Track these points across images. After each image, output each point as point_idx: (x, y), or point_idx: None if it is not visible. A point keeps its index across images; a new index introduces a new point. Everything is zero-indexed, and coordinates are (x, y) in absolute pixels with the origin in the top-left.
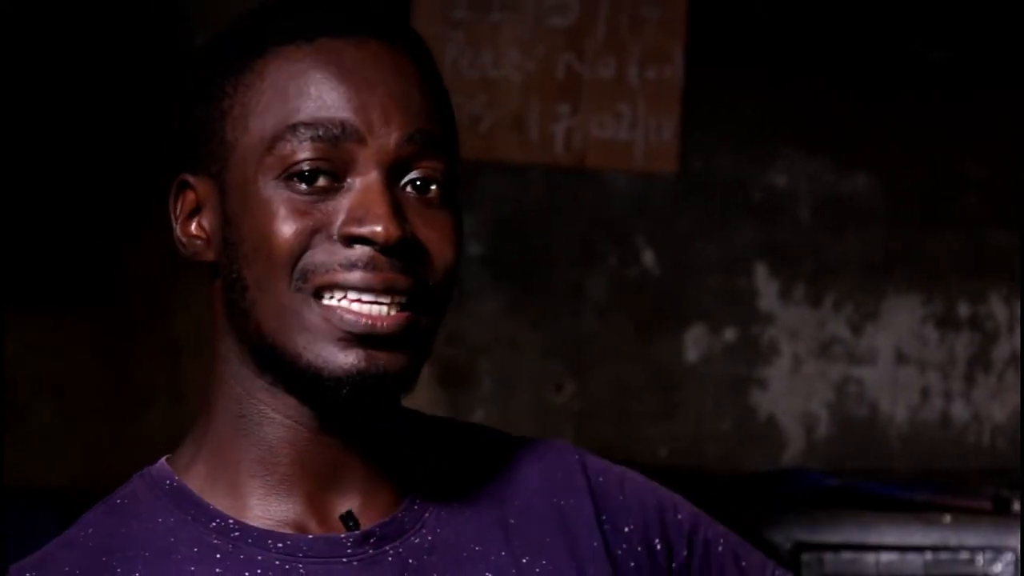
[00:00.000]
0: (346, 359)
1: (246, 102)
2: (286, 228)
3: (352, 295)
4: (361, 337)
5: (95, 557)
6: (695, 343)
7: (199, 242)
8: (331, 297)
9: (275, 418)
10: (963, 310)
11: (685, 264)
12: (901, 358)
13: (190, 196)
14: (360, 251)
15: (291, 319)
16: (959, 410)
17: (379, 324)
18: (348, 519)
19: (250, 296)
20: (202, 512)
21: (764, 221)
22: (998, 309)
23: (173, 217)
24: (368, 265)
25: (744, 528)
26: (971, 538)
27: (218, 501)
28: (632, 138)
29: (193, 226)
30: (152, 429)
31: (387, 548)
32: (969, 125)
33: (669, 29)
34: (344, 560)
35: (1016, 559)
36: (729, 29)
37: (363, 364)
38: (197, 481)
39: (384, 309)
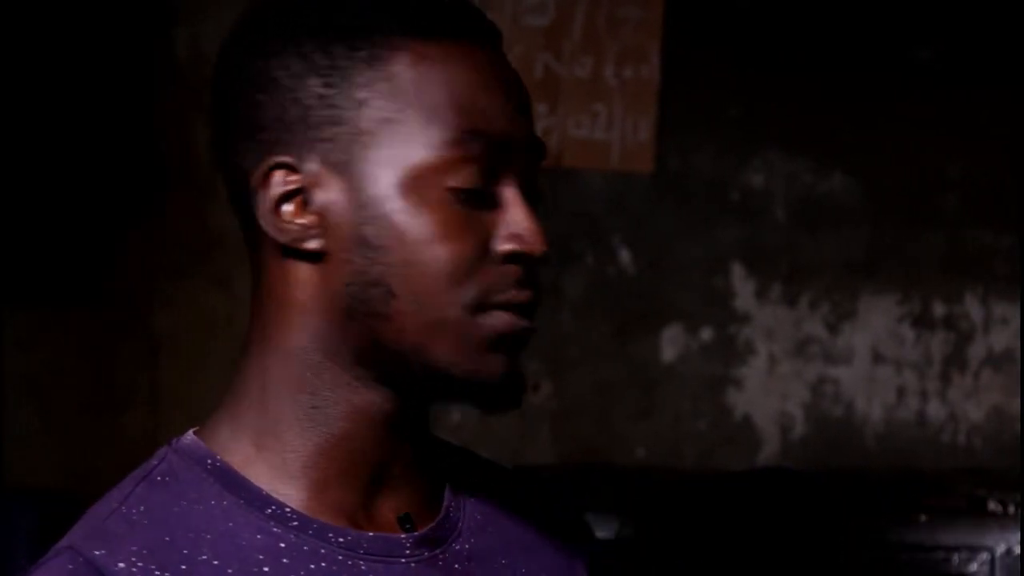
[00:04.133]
0: (501, 366)
1: (390, 96)
2: (455, 249)
3: (511, 308)
4: (511, 346)
5: (156, 535)
6: (672, 343)
7: (300, 228)
8: (490, 311)
9: (349, 412)
10: (939, 310)
11: (662, 264)
12: (877, 358)
13: (291, 178)
14: (517, 268)
15: (451, 332)
16: (935, 410)
17: (524, 333)
18: (406, 521)
19: (397, 305)
20: (255, 497)
21: (741, 221)
22: (974, 309)
23: (258, 196)
24: (526, 281)
25: (723, 528)
26: (947, 538)
27: (269, 486)
28: (609, 138)
29: (292, 210)
30: (132, 429)
31: (438, 552)
32: (946, 125)
33: (646, 29)
34: (403, 561)
35: (991, 559)
36: (706, 28)
37: (514, 368)
38: (240, 463)
39: (527, 319)
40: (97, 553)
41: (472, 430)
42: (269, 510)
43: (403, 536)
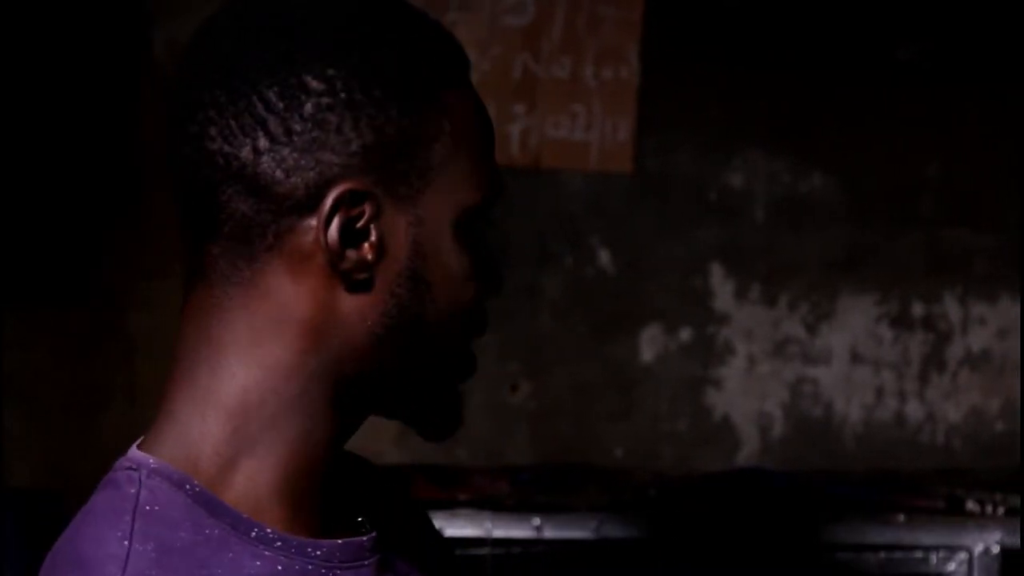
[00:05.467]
0: (458, 398)
1: (451, 136)
2: (483, 285)
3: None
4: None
5: (183, 573)
6: (651, 343)
7: (357, 257)
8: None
9: (327, 437)
10: (917, 310)
11: (641, 264)
12: (856, 358)
13: (358, 208)
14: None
15: (455, 362)
16: (913, 410)
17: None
18: (363, 524)
19: (423, 336)
20: (239, 522)
21: (720, 221)
22: (952, 309)
23: (319, 218)
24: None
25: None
26: (925, 537)
27: (246, 508)
28: (588, 138)
29: (358, 239)
30: (110, 430)
31: (386, 551)
32: (925, 125)
33: (625, 29)
34: (367, 563)
35: (969, 558)
36: (686, 28)
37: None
38: (212, 483)
39: None
40: None
41: None
42: (253, 533)
43: (364, 539)
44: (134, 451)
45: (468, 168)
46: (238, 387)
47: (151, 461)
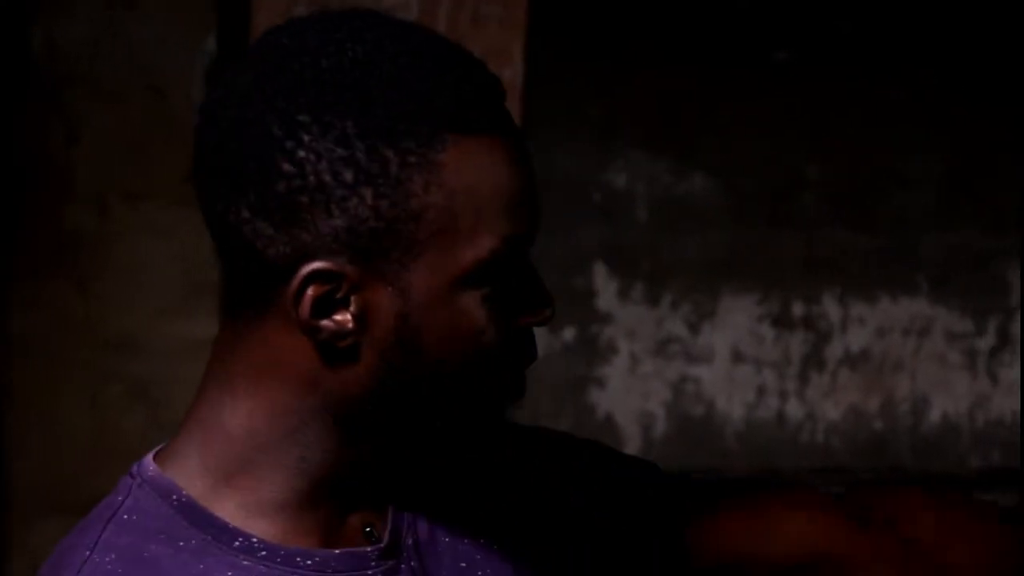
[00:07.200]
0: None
1: (443, 203)
2: (490, 343)
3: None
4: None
5: None
6: None
7: (335, 326)
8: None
9: (335, 461)
10: (797, 310)
11: None
12: (737, 357)
13: (329, 285)
14: (530, 334)
15: (468, 405)
16: (793, 409)
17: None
18: (371, 534)
19: (426, 393)
20: (222, 532)
21: (602, 221)
22: (831, 309)
23: (290, 295)
24: (534, 344)
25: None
26: None
27: (236, 520)
28: None
29: (335, 314)
30: None
31: (400, 561)
32: (805, 126)
33: (509, 29)
34: (370, 573)
35: None
36: (566, 28)
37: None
38: (205, 495)
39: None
40: None
41: None
42: (236, 543)
43: (369, 549)
44: (146, 458)
45: (469, 229)
46: (240, 418)
47: (150, 470)
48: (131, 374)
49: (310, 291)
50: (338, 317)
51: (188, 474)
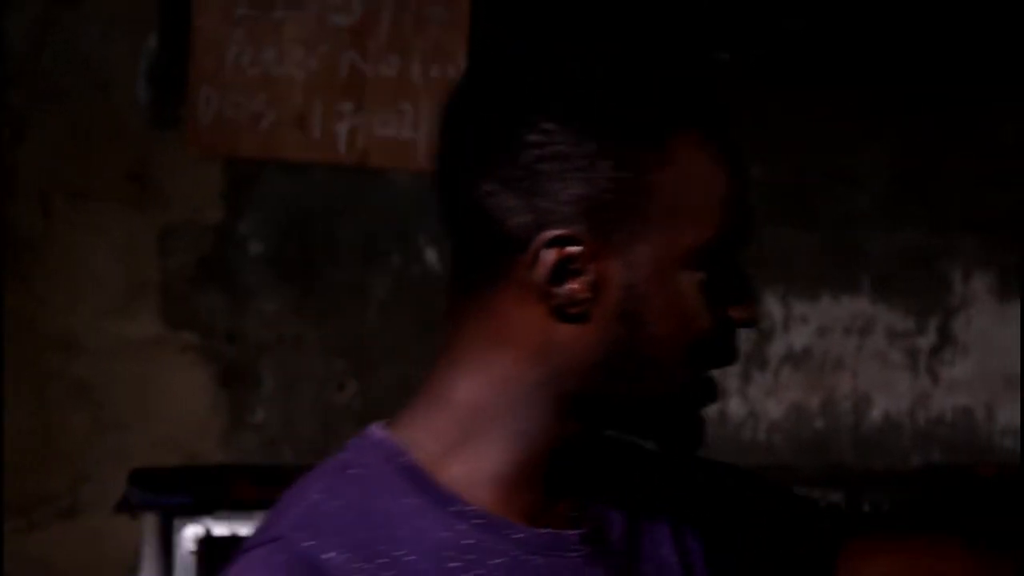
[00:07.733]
0: (698, 419)
1: (674, 185)
2: (703, 327)
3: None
4: (711, 400)
5: (358, 529)
6: None
7: (568, 294)
8: (709, 370)
9: (551, 437)
10: None
11: None
12: None
13: (569, 250)
14: (735, 333)
15: (680, 390)
16: (736, 407)
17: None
18: (577, 519)
19: (643, 370)
20: (441, 495)
21: None
22: (774, 307)
23: (530, 259)
24: (736, 345)
25: None
26: None
27: (456, 487)
28: (415, 137)
29: (564, 277)
30: None
31: (600, 547)
32: (749, 125)
33: (453, 29)
34: (571, 555)
35: None
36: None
37: (702, 418)
38: (429, 462)
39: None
40: (306, 544)
41: (275, 429)
42: (454, 508)
43: (572, 533)
44: (372, 426)
45: (695, 211)
46: (466, 391)
47: (377, 435)
48: (74, 374)
49: (550, 256)
50: (573, 285)
51: (414, 441)
